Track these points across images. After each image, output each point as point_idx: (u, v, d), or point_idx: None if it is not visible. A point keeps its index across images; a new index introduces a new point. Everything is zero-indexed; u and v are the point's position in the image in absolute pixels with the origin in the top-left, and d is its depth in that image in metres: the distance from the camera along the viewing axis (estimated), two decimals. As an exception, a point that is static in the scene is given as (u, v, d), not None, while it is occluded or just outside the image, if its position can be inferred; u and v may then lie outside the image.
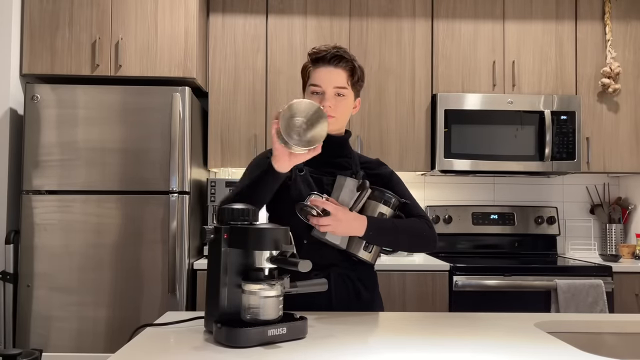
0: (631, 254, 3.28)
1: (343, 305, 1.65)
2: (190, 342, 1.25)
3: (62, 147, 2.76)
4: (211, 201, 3.15)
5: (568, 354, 1.18)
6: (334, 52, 1.63)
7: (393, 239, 1.62)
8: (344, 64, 1.64)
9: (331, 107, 1.62)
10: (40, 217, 2.73)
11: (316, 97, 1.64)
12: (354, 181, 1.61)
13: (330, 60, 1.63)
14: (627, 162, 3.28)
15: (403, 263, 2.90)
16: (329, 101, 1.62)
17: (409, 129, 3.25)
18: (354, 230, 1.55)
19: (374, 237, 1.58)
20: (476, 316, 1.59)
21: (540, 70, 3.29)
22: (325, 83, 1.63)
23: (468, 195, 3.61)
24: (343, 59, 1.64)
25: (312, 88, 1.65)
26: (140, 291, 2.74)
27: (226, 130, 3.20)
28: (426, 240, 1.66)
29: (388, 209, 1.62)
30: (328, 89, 1.63)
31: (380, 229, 1.58)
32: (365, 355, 1.16)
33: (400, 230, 1.61)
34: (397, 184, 1.75)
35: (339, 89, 1.64)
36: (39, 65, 2.88)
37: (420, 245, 1.66)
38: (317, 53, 1.65)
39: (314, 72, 1.65)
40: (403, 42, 3.27)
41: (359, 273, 1.69)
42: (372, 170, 1.75)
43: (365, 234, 1.56)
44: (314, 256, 1.56)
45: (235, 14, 3.23)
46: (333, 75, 1.63)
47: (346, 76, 1.65)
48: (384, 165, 1.79)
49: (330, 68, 1.63)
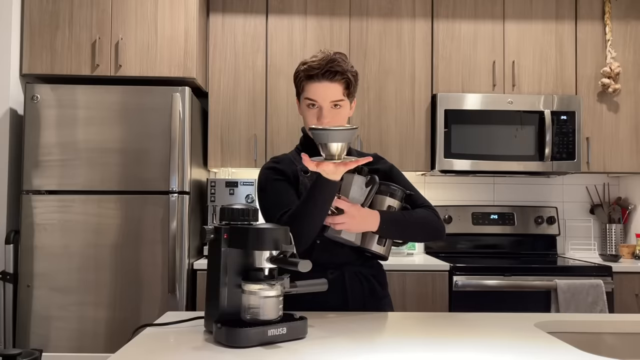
0: (631, 254, 3.28)
1: (359, 303, 1.66)
2: (190, 342, 1.25)
3: (62, 147, 2.76)
4: (211, 201, 3.15)
5: (568, 354, 1.18)
6: (328, 67, 1.60)
7: (405, 231, 1.63)
8: (339, 77, 1.61)
9: (329, 122, 1.62)
10: (40, 217, 2.73)
11: (313, 110, 1.64)
12: (362, 177, 1.62)
13: (324, 75, 1.60)
14: (627, 162, 3.28)
15: (403, 263, 2.90)
16: (327, 117, 1.62)
17: (409, 129, 3.25)
18: (369, 226, 1.56)
19: (387, 230, 1.59)
20: (476, 316, 1.59)
21: (540, 70, 3.29)
22: (320, 98, 1.61)
23: (468, 195, 3.61)
24: (337, 73, 1.61)
25: (308, 102, 1.64)
26: (140, 291, 2.74)
27: (226, 130, 3.20)
28: (436, 230, 1.67)
29: (396, 201, 1.64)
30: (324, 104, 1.62)
31: (393, 222, 1.60)
32: (365, 355, 1.16)
33: (411, 222, 1.63)
34: (398, 176, 1.77)
35: (336, 102, 1.63)
36: (38, 65, 2.88)
37: (430, 235, 1.67)
38: (310, 70, 1.61)
39: (309, 87, 1.63)
40: (403, 42, 3.27)
41: (372, 270, 1.72)
42: (372, 165, 1.76)
43: (379, 229, 1.57)
44: (327, 256, 1.56)
45: (235, 14, 3.23)
46: (329, 90, 1.61)
47: (342, 89, 1.63)
48: (382, 159, 1.81)
49: (326, 83, 1.61)
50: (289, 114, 3.21)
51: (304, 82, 1.63)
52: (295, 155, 1.75)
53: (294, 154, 1.76)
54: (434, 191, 3.59)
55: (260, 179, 1.70)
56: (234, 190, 3.15)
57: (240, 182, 3.16)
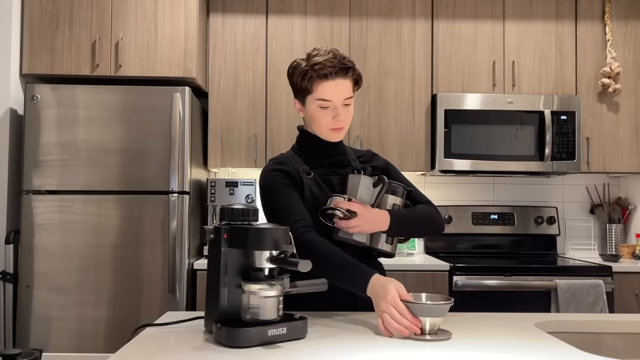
0: (631, 254, 3.28)
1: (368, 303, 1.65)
2: (190, 342, 1.25)
3: (62, 147, 2.76)
4: (211, 201, 3.15)
5: (568, 354, 1.18)
6: (340, 65, 1.60)
7: (412, 229, 1.66)
8: (351, 73, 1.62)
9: (344, 120, 1.63)
10: (40, 217, 2.73)
11: (326, 110, 1.62)
12: (369, 178, 1.62)
13: (337, 73, 1.60)
14: (627, 162, 3.28)
15: (403, 263, 2.90)
16: (341, 115, 1.62)
17: (409, 129, 3.25)
18: (380, 226, 1.58)
19: (396, 229, 1.61)
20: (476, 316, 1.59)
21: (540, 70, 3.29)
22: (335, 97, 1.61)
23: (468, 195, 3.61)
24: (349, 69, 1.61)
25: (322, 103, 1.61)
26: (140, 291, 2.74)
27: (226, 130, 3.20)
28: (437, 225, 1.70)
29: (399, 198, 1.66)
30: (338, 102, 1.61)
31: (402, 220, 1.62)
32: (365, 355, 1.16)
33: (417, 220, 1.65)
34: (394, 172, 1.78)
35: (348, 99, 1.63)
36: (38, 65, 2.88)
37: (433, 230, 1.70)
38: (323, 68, 1.58)
39: (321, 86, 1.60)
40: (403, 42, 3.27)
41: (378, 269, 1.73)
42: (368, 162, 1.77)
43: (389, 228, 1.59)
44: None
45: (235, 14, 3.23)
46: (342, 87, 1.61)
47: (352, 85, 1.64)
48: (376, 156, 1.82)
49: (339, 80, 1.60)
50: (289, 114, 3.21)
51: (316, 81, 1.60)
52: (293, 155, 1.73)
53: (292, 154, 1.73)
54: (434, 191, 3.59)
55: (267, 181, 1.65)
56: (234, 190, 3.15)
57: (240, 182, 3.16)
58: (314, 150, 1.72)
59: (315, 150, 1.72)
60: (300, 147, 1.75)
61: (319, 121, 1.64)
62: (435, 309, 1.30)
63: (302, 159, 1.71)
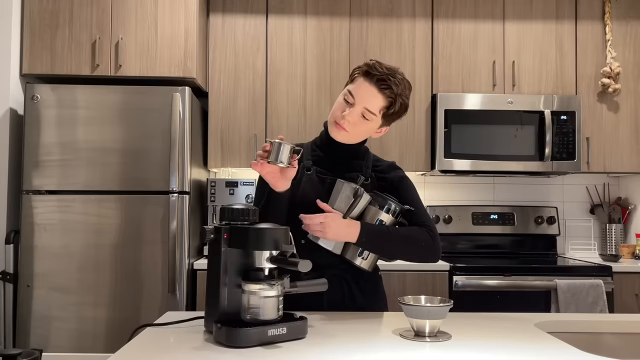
0: (631, 254, 3.28)
1: (336, 307, 1.63)
2: (190, 342, 1.25)
3: (62, 147, 2.76)
4: (211, 201, 3.15)
5: (568, 354, 1.18)
6: (385, 76, 1.57)
7: (388, 247, 1.57)
8: (389, 92, 1.57)
9: (349, 122, 1.59)
10: (40, 217, 2.73)
11: (344, 106, 1.60)
12: (351, 187, 1.58)
13: (377, 80, 1.57)
14: (627, 162, 3.28)
15: (403, 263, 2.90)
16: (350, 115, 1.58)
17: (409, 129, 3.25)
18: (345, 236, 1.53)
19: (367, 244, 1.55)
20: (476, 316, 1.59)
21: (540, 70, 3.29)
22: (359, 98, 1.58)
23: (468, 195, 3.61)
24: (389, 88, 1.57)
25: (347, 95, 1.60)
26: (140, 291, 2.74)
27: (226, 130, 3.20)
28: (425, 250, 1.59)
29: (388, 216, 1.58)
30: (358, 106, 1.58)
31: (374, 236, 1.54)
32: (365, 355, 1.16)
33: (395, 239, 1.56)
34: (406, 190, 1.68)
35: (367, 112, 1.58)
36: (38, 65, 2.88)
37: (417, 256, 1.59)
38: (372, 69, 1.58)
39: (358, 82, 1.60)
40: (403, 42, 3.27)
41: (357, 276, 1.67)
42: (383, 174, 1.71)
43: (358, 241, 1.53)
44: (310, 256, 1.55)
45: (235, 14, 3.23)
46: (370, 96, 1.58)
47: (382, 105, 1.59)
48: (395, 170, 1.73)
49: (373, 88, 1.57)
50: (289, 114, 3.21)
51: (359, 76, 1.61)
52: (309, 147, 1.73)
53: (309, 146, 1.74)
54: (434, 191, 3.59)
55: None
56: (234, 190, 3.15)
57: (240, 182, 3.16)
58: (328, 147, 1.70)
59: (329, 147, 1.70)
60: (320, 140, 1.73)
61: (334, 108, 1.65)
62: (434, 311, 1.30)
63: (315, 153, 1.71)
